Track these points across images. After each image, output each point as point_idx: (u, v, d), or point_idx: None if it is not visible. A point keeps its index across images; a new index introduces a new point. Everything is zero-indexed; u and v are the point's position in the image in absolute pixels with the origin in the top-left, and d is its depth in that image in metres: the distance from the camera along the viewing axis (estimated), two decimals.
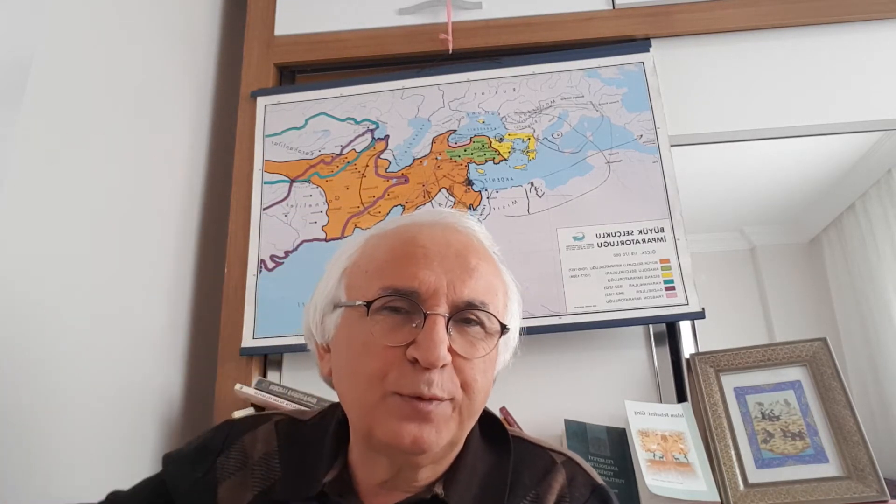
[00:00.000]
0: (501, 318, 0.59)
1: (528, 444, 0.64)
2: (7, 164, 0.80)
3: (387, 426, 0.53)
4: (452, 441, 0.56)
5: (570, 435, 1.07)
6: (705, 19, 1.36)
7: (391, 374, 0.53)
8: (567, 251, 1.20)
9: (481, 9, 1.40)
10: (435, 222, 0.62)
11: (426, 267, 0.56)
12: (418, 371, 0.52)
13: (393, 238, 0.60)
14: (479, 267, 0.58)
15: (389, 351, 0.54)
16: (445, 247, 0.58)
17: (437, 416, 0.53)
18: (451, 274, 0.56)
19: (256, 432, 0.66)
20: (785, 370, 1.09)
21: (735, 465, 1.02)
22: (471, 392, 0.55)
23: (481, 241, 0.63)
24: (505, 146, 1.29)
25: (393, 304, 0.55)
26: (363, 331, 0.55)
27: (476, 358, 0.56)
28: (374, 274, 0.57)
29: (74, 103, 0.95)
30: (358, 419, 0.56)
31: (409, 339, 0.53)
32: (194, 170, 1.33)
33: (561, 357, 1.20)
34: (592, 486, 0.61)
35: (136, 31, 1.14)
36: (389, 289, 0.55)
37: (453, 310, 0.55)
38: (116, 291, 1.03)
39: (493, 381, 0.62)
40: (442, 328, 0.53)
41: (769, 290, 1.61)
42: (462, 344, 0.55)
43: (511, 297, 0.63)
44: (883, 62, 1.32)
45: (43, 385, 0.85)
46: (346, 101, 1.36)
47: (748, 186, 1.60)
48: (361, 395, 0.55)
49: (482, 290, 0.57)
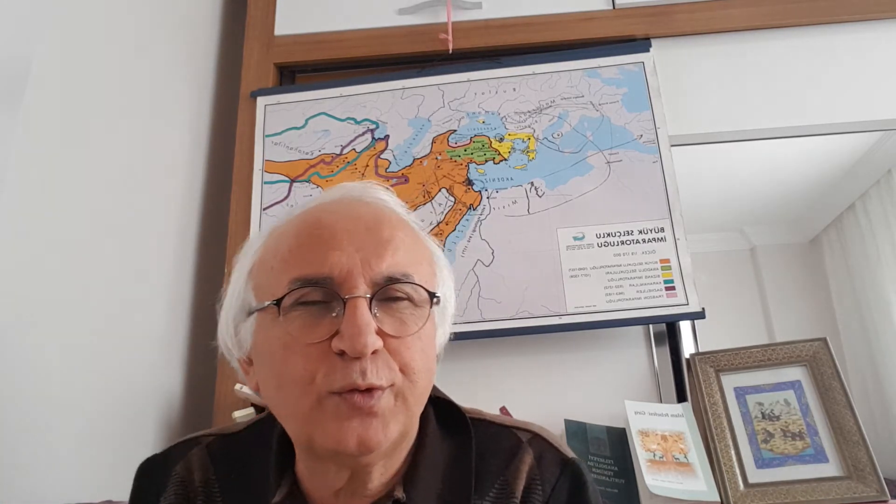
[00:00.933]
0: (430, 287, 0.53)
1: (490, 424, 0.59)
2: (7, 164, 0.80)
3: (327, 431, 0.48)
4: (403, 432, 0.51)
5: (570, 435, 1.07)
6: (705, 19, 1.36)
7: (320, 374, 0.48)
8: (567, 251, 1.20)
9: (481, 9, 1.40)
10: (339, 198, 0.57)
11: (335, 247, 0.50)
12: (348, 362, 0.47)
13: (296, 224, 0.54)
14: (394, 237, 0.52)
15: (313, 348, 0.48)
16: (354, 222, 0.52)
17: (380, 408, 0.48)
18: (364, 250, 0.50)
19: (189, 460, 0.59)
20: (785, 370, 1.09)
21: (735, 465, 1.02)
22: (411, 374, 0.50)
23: (394, 210, 0.57)
24: (505, 146, 1.29)
25: (307, 297, 0.50)
26: (280, 333, 0.50)
27: (409, 335, 0.50)
28: (280, 268, 0.52)
29: (74, 103, 0.95)
30: (296, 430, 0.51)
31: (333, 331, 0.48)
32: (194, 170, 1.33)
33: (561, 357, 1.20)
34: (562, 463, 0.57)
35: (135, 31, 1.14)
36: (298, 280, 0.50)
37: (374, 288, 0.49)
38: (116, 291, 1.03)
39: (437, 359, 0.57)
40: (365, 311, 0.48)
41: (769, 290, 1.61)
42: (391, 323, 0.50)
43: (439, 264, 0.58)
44: (883, 62, 1.31)
45: (42, 385, 0.85)
46: (346, 101, 1.36)
47: (748, 186, 1.60)
48: (294, 404, 0.49)
49: (402, 261, 0.51)
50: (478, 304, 1.18)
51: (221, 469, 0.59)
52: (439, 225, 1.25)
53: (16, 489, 0.78)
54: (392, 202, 0.58)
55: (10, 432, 0.78)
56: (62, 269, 0.90)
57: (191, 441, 0.62)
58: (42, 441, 0.84)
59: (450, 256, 1.22)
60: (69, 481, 0.87)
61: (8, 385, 0.78)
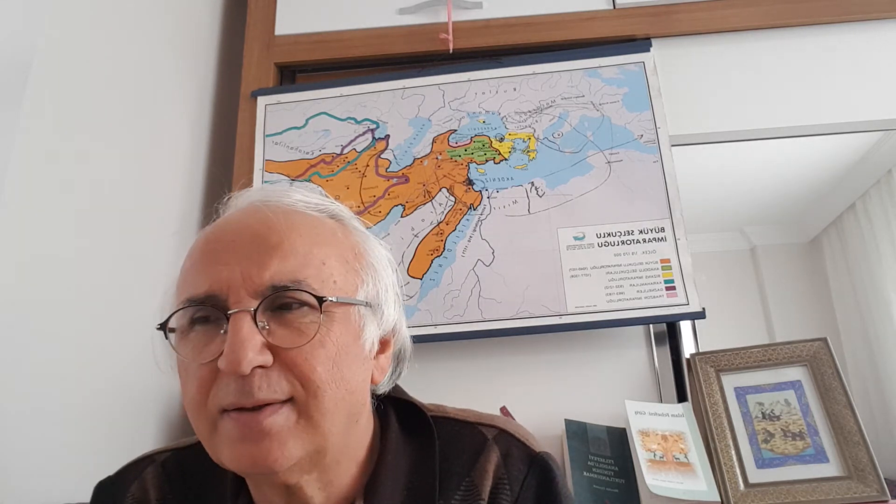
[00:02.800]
0: (338, 287, 0.49)
1: (454, 422, 0.57)
2: (7, 164, 0.80)
3: (226, 453, 0.46)
4: (313, 450, 0.48)
5: (570, 435, 1.07)
6: (706, 19, 1.36)
7: (211, 393, 0.46)
8: (567, 251, 1.20)
9: (482, 8, 1.40)
10: (241, 208, 0.55)
11: (218, 262, 0.48)
12: (233, 380, 0.45)
13: (196, 242, 0.52)
14: (284, 242, 0.49)
15: (204, 370, 0.47)
16: (240, 232, 0.50)
17: (273, 426, 0.45)
18: (247, 260, 0.48)
19: (143, 479, 0.58)
20: (785, 370, 1.09)
21: (735, 465, 1.02)
22: (312, 387, 0.46)
23: (296, 210, 0.53)
24: (505, 146, 1.29)
25: (198, 315, 0.48)
26: (179, 357, 0.49)
27: (304, 344, 0.47)
28: (179, 289, 0.51)
29: (74, 103, 0.95)
30: (208, 451, 0.49)
31: (221, 350, 0.46)
32: (194, 170, 1.33)
33: (561, 357, 1.20)
34: (530, 459, 0.55)
35: (136, 31, 1.14)
36: (187, 300, 0.48)
37: (259, 299, 0.47)
38: (116, 291, 1.03)
39: (374, 365, 0.53)
40: (246, 326, 0.45)
41: (769, 290, 1.61)
42: (284, 335, 0.47)
43: (367, 261, 0.54)
44: (883, 62, 1.31)
45: (42, 385, 0.85)
46: (347, 100, 1.36)
47: (748, 186, 1.60)
48: (197, 428, 0.48)
49: (291, 266, 0.48)
50: (478, 304, 1.18)
51: (177, 486, 0.57)
52: (440, 225, 1.25)
53: (14, 489, 0.78)
54: (299, 202, 0.54)
55: (8, 432, 0.78)
56: (61, 269, 0.90)
57: (145, 459, 0.61)
58: (41, 441, 0.84)
59: (450, 256, 1.22)
60: (69, 481, 0.87)
61: (6, 385, 0.78)
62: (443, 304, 1.19)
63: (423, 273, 1.22)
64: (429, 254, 1.23)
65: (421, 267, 1.22)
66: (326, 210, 0.56)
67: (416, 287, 1.21)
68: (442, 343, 1.19)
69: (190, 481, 0.57)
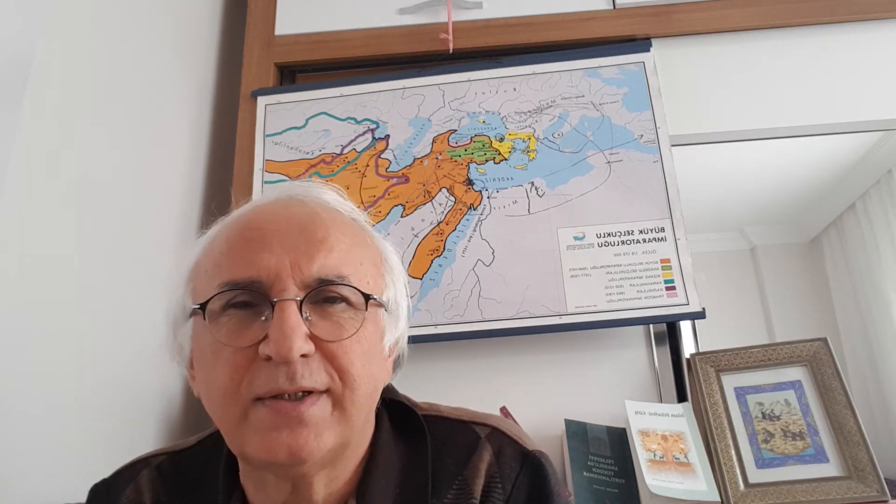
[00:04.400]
0: (371, 288, 0.51)
1: (447, 420, 0.58)
2: (7, 164, 0.80)
3: (256, 442, 0.46)
4: (341, 443, 0.48)
5: (570, 435, 1.07)
6: (706, 19, 1.36)
7: (246, 380, 0.46)
8: (567, 251, 1.20)
9: (482, 8, 1.40)
10: (276, 199, 0.55)
11: (264, 249, 0.48)
12: (274, 366, 0.45)
13: (231, 227, 0.52)
14: (328, 238, 0.50)
15: (240, 354, 0.46)
16: (286, 222, 0.50)
17: (312, 416, 0.46)
18: (294, 251, 0.48)
19: (138, 482, 0.58)
20: (785, 370, 1.09)
21: (735, 465, 1.02)
22: (349, 379, 0.47)
23: (335, 209, 0.55)
24: (505, 146, 1.29)
25: (237, 300, 0.48)
26: (210, 339, 0.48)
27: (346, 339, 0.48)
28: (213, 272, 0.50)
29: (74, 103, 0.95)
30: (229, 441, 0.49)
31: (261, 336, 0.46)
32: (194, 170, 1.33)
33: (561, 357, 1.20)
34: (523, 457, 0.55)
35: (136, 31, 1.14)
36: (227, 283, 0.48)
37: (306, 290, 0.47)
38: (116, 291, 1.03)
39: (387, 366, 0.55)
40: (293, 314, 0.46)
41: (769, 290, 1.61)
42: (326, 327, 0.48)
43: (388, 265, 0.56)
44: (883, 62, 1.31)
45: (42, 384, 0.85)
46: (347, 100, 1.36)
47: (748, 186, 1.60)
48: (223, 414, 0.48)
49: (336, 262, 0.49)
50: (478, 304, 1.18)
51: (172, 489, 0.57)
52: (440, 225, 1.25)
53: (15, 489, 0.78)
54: (334, 201, 0.56)
55: (8, 432, 0.78)
56: (61, 269, 0.90)
57: (140, 462, 0.61)
58: (41, 441, 0.84)
59: (450, 256, 1.22)
60: (68, 481, 0.87)
61: (6, 385, 0.78)
62: (443, 304, 1.19)
63: (423, 273, 1.22)
64: (429, 254, 1.23)
65: (421, 267, 1.22)
66: (354, 213, 0.57)
67: (416, 287, 1.21)
68: (442, 343, 1.19)
69: (185, 484, 0.57)
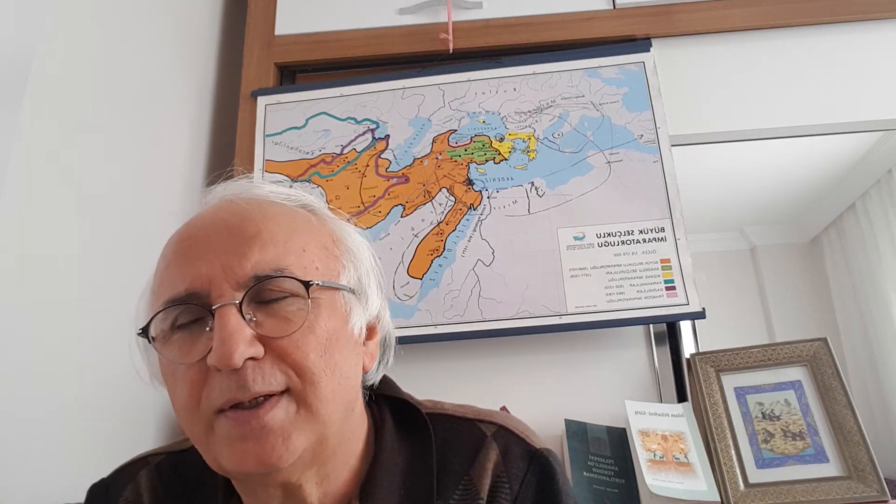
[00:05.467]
0: (321, 274, 0.49)
1: (452, 418, 0.56)
2: (7, 164, 0.80)
3: (226, 454, 0.44)
4: (316, 441, 0.47)
5: (570, 435, 1.07)
6: (706, 19, 1.36)
7: (204, 394, 0.45)
8: (567, 251, 1.20)
9: (482, 8, 1.40)
10: (212, 204, 0.53)
11: (195, 259, 0.47)
12: (226, 376, 0.44)
13: (168, 244, 0.51)
14: (261, 232, 0.48)
15: (194, 369, 0.45)
16: (215, 226, 0.48)
17: (274, 421, 0.44)
18: (225, 254, 0.46)
19: (137, 482, 0.58)
20: (785, 370, 1.09)
21: (735, 465, 1.02)
22: (307, 374, 0.45)
23: (270, 201, 0.52)
24: (505, 146, 1.29)
25: (181, 322, 0.47)
26: (165, 361, 0.47)
27: (295, 332, 0.46)
28: (158, 291, 0.49)
29: (74, 103, 0.95)
30: (204, 456, 0.48)
31: (209, 347, 0.44)
32: (194, 170, 1.33)
33: (561, 357, 1.20)
34: (530, 456, 0.53)
35: (136, 31, 1.14)
36: (167, 301, 0.47)
37: (243, 291, 0.46)
38: (116, 291, 1.03)
39: (367, 350, 0.53)
40: (232, 318, 0.44)
41: (769, 290, 1.61)
42: (272, 324, 0.46)
43: (343, 244, 0.53)
44: (883, 62, 1.31)
45: (42, 384, 0.85)
46: (347, 100, 1.36)
47: (748, 186, 1.60)
48: (191, 431, 0.47)
49: (272, 255, 0.47)
50: (478, 304, 1.18)
51: (171, 489, 0.56)
52: (440, 225, 1.25)
53: (15, 489, 0.78)
54: (270, 193, 0.53)
55: (8, 432, 0.78)
56: (62, 269, 0.90)
57: (139, 461, 0.60)
58: (41, 441, 0.84)
59: (450, 256, 1.22)
60: (68, 481, 0.87)
61: (6, 385, 0.78)
62: (443, 304, 1.19)
63: (423, 273, 1.22)
64: (429, 254, 1.23)
65: (421, 267, 1.22)
66: (298, 200, 0.55)
67: (416, 287, 1.21)
68: (442, 343, 1.19)
69: (184, 484, 0.56)
